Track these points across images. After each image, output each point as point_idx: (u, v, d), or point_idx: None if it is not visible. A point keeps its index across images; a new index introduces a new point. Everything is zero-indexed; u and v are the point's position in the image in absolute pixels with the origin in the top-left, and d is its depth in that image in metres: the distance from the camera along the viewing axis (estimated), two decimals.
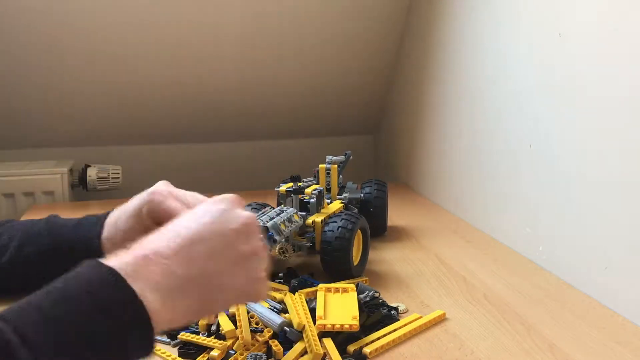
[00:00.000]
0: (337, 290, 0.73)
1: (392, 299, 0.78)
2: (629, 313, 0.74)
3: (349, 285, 0.74)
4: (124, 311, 0.41)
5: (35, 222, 0.76)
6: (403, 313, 0.75)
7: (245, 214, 0.51)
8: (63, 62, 1.33)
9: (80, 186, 1.40)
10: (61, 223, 0.76)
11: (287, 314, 0.69)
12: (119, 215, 0.70)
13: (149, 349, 0.43)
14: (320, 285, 0.74)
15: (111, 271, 0.42)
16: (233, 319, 0.68)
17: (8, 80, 1.34)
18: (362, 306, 0.71)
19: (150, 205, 0.66)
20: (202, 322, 0.68)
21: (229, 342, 0.65)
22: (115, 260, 0.43)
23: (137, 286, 0.42)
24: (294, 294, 0.75)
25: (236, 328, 0.66)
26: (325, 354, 0.63)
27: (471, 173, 1.14)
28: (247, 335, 0.64)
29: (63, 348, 0.38)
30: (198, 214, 0.50)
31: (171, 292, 0.44)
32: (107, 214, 0.72)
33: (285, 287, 0.78)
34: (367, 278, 0.84)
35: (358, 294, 0.73)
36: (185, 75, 1.41)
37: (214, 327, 0.68)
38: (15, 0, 1.21)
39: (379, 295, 0.76)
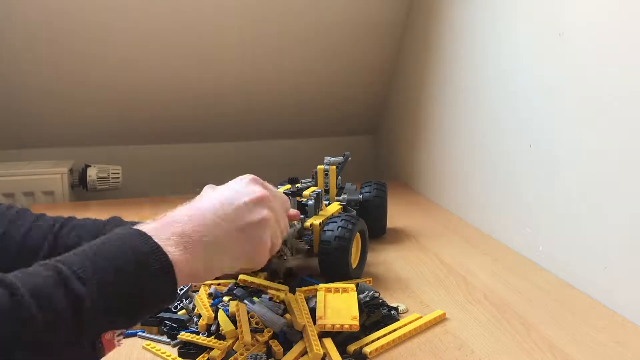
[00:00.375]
0: (337, 290, 0.73)
1: (392, 299, 0.78)
2: (629, 313, 0.74)
3: (349, 285, 0.73)
4: (151, 259, 0.49)
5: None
6: (403, 313, 0.75)
7: (259, 189, 0.60)
8: (63, 63, 1.33)
9: (80, 186, 1.40)
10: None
11: (287, 314, 0.70)
12: None
13: (173, 292, 0.50)
14: (320, 285, 0.74)
15: (139, 231, 0.51)
16: (233, 319, 0.68)
17: (8, 81, 1.34)
18: (362, 306, 0.71)
19: None
20: (202, 322, 0.68)
21: (229, 342, 0.65)
22: (143, 226, 0.52)
23: (160, 242, 0.50)
24: (294, 294, 0.75)
25: (236, 328, 0.66)
26: (325, 354, 0.63)
27: (471, 173, 1.14)
28: (247, 335, 0.64)
29: (105, 284, 0.45)
30: (218, 191, 0.59)
31: (186, 249, 0.51)
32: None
33: (285, 288, 0.78)
34: (370, 279, 0.84)
35: (358, 294, 0.73)
36: (185, 76, 1.41)
37: (213, 327, 0.68)
38: (15, 1, 1.21)
39: (379, 296, 0.76)
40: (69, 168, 1.38)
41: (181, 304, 0.73)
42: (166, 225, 0.52)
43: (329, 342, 0.64)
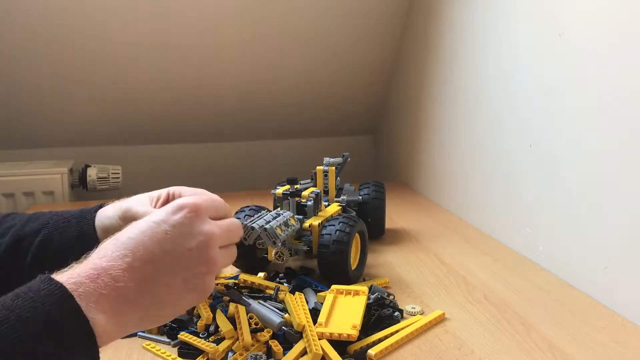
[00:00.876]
0: (348, 292, 0.73)
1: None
2: (629, 313, 0.74)
3: (361, 288, 0.73)
4: (69, 325, 0.42)
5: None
6: (414, 315, 0.74)
7: (205, 229, 0.50)
8: (63, 63, 1.33)
9: (80, 186, 1.40)
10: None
11: (287, 314, 0.69)
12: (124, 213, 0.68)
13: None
14: (333, 286, 0.74)
15: (59, 287, 0.43)
16: (232, 319, 0.68)
17: (8, 81, 1.34)
18: (367, 307, 0.71)
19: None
20: (201, 323, 0.68)
21: (229, 343, 0.65)
22: (65, 275, 0.44)
23: (82, 302, 0.43)
24: (294, 294, 0.75)
25: (235, 329, 0.66)
26: (325, 355, 0.63)
27: (471, 173, 1.14)
28: (247, 337, 0.64)
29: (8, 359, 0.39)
30: (153, 226, 0.49)
31: (118, 309, 0.45)
32: (91, 211, 0.71)
33: (286, 288, 0.78)
34: (387, 279, 0.84)
35: (369, 295, 0.73)
36: (185, 76, 1.41)
37: (212, 328, 0.68)
38: (14, 1, 1.21)
39: (392, 297, 0.76)
40: (69, 168, 1.38)
41: None
42: (93, 278, 0.44)
43: (327, 343, 0.64)
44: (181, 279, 0.48)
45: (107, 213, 0.69)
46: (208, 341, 0.66)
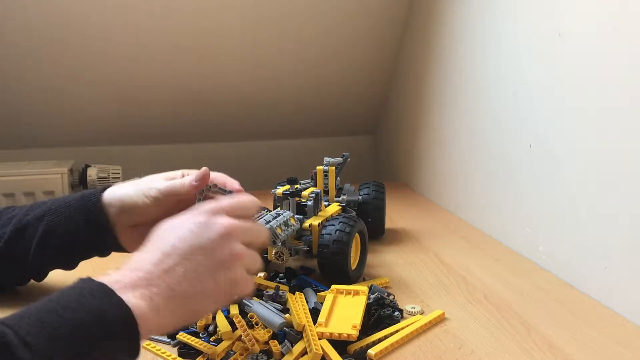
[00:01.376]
0: (348, 292, 0.73)
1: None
2: (629, 313, 0.74)
3: (361, 287, 0.73)
4: (113, 318, 0.45)
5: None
6: (415, 314, 0.74)
7: (223, 221, 0.54)
8: (63, 63, 1.33)
9: (80, 186, 1.40)
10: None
11: (287, 314, 0.69)
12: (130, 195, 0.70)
13: (136, 353, 0.46)
14: (333, 286, 0.74)
15: (101, 284, 0.46)
16: (231, 319, 0.68)
17: (8, 81, 1.34)
18: (367, 307, 0.71)
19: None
20: (200, 323, 0.68)
21: (228, 343, 0.65)
22: (106, 278, 0.48)
23: (125, 297, 0.46)
24: (294, 294, 0.75)
25: (234, 330, 0.66)
26: (325, 355, 0.63)
27: (471, 173, 1.14)
28: (246, 337, 0.64)
29: (59, 350, 0.41)
30: (179, 229, 0.53)
31: (157, 304, 0.48)
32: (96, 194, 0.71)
33: (285, 287, 0.78)
34: (387, 279, 0.84)
35: (369, 295, 0.73)
36: (185, 76, 1.41)
37: (211, 328, 0.68)
38: (15, 1, 1.21)
39: (392, 297, 0.76)
40: (69, 168, 1.38)
41: None
42: (130, 277, 0.48)
43: (327, 343, 0.64)
44: (210, 270, 0.51)
45: (127, 192, 0.69)
46: (208, 341, 0.66)
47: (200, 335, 0.67)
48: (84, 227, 0.70)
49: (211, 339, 0.66)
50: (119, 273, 0.49)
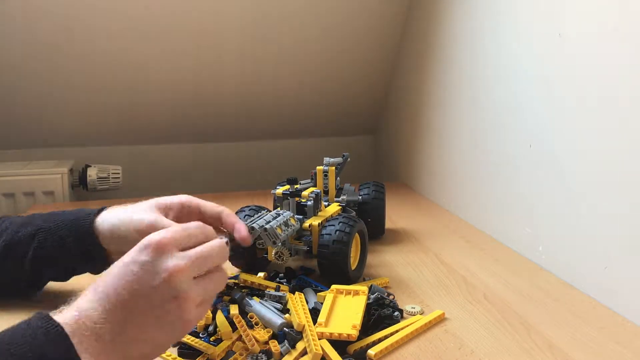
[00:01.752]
0: (348, 292, 0.73)
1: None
2: (629, 313, 0.74)
3: (361, 287, 0.73)
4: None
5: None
6: (415, 314, 0.74)
7: (168, 265, 0.51)
8: (63, 63, 1.33)
9: (80, 186, 1.40)
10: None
11: (287, 314, 0.69)
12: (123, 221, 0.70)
13: None
14: (333, 286, 0.74)
15: (57, 328, 0.46)
16: (231, 319, 0.68)
17: (8, 81, 1.34)
18: (367, 307, 0.71)
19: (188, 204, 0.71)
20: (201, 323, 0.68)
21: (228, 343, 0.65)
22: (60, 317, 0.48)
23: (78, 348, 0.46)
24: (294, 294, 0.75)
25: (233, 330, 0.66)
26: (324, 355, 0.63)
27: (471, 173, 1.14)
28: (246, 337, 0.64)
29: None
30: (123, 268, 0.51)
31: (98, 349, 0.47)
32: (90, 216, 0.72)
33: (286, 288, 0.78)
34: (387, 279, 0.84)
35: (369, 295, 0.73)
36: (185, 76, 1.41)
37: (211, 328, 0.68)
38: (15, 3, 1.21)
39: (392, 297, 0.76)
40: (69, 168, 1.38)
41: None
42: (75, 322, 0.47)
43: (327, 343, 0.64)
44: (154, 318, 0.50)
45: (116, 223, 0.70)
46: (208, 341, 0.66)
47: (200, 335, 0.67)
48: (75, 249, 0.71)
49: (211, 339, 0.66)
50: (63, 316, 0.48)
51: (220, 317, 0.68)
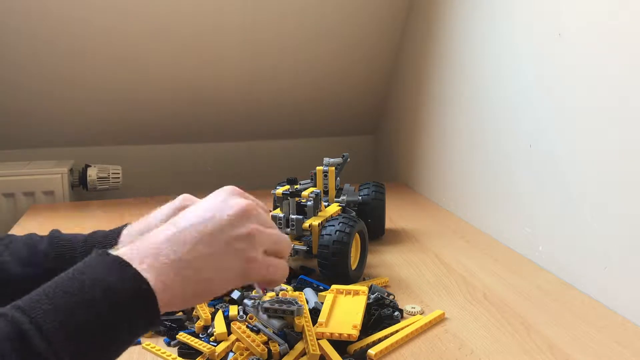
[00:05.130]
0: (348, 292, 0.73)
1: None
2: (629, 313, 0.74)
3: (361, 287, 0.73)
4: (129, 292, 0.44)
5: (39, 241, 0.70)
6: (414, 314, 0.74)
7: (241, 201, 0.53)
8: (63, 63, 1.33)
9: (80, 186, 1.40)
10: (67, 242, 0.70)
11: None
12: (147, 225, 0.67)
13: (152, 325, 0.46)
14: (333, 286, 0.74)
15: (116, 258, 0.45)
16: (229, 321, 0.68)
17: (8, 81, 1.34)
18: (367, 307, 0.71)
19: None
20: (199, 324, 0.68)
21: (227, 344, 0.65)
22: (118, 250, 0.47)
23: (139, 268, 0.45)
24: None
25: (229, 333, 0.66)
26: (325, 355, 0.63)
27: (471, 173, 1.14)
28: (243, 339, 0.64)
29: (75, 333, 0.40)
30: (197, 207, 0.52)
31: (166, 274, 0.46)
32: (121, 228, 0.69)
33: (290, 289, 0.78)
34: (387, 279, 0.84)
35: (369, 295, 0.73)
36: (185, 76, 1.41)
37: (211, 329, 0.68)
38: (15, 3, 1.21)
39: (392, 297, 0.76)
40: (69, 168, 1.38)
41: None
42: (142, 250, 0.47)
43: (327, 343, 0.64)
44: (221, 242, 0.50)
45: (140, 225, 0.67)
46: (208, 341, 0.66)
47: (200, 335, 0.67)
48: None
49: (211, 339, 0.66)
50: (130, 246, 0.48)
51: (219, 318, 0.68)
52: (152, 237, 0.49)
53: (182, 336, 0.67)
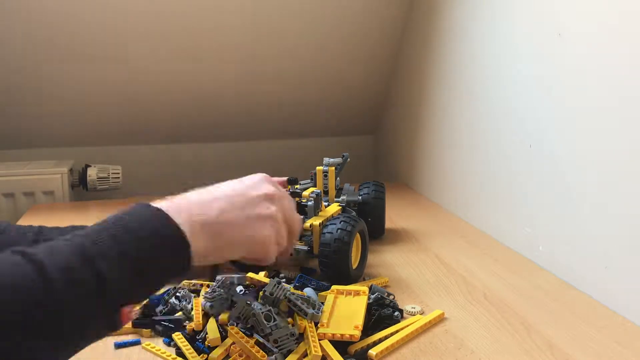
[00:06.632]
0: (349, 292, 0.73)
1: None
2: (629, 313, 0.74)
3: (362, 288, 0.73)
4: (169, 238, 0.51)
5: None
6: (415, 315, 0.74)
7: (271, 187, 0.62)
8: (63, 63, 1.33)
9: (80, 186, 1.40)
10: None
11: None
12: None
13: (187, 269, 0.52)
14: (333, 287, 0.74)
15: (158, 210, 0.53)
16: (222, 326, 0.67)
17: (8, 81, 1.34)
18: (367, 307, 0.71)
19: None
20: (190, 327, 0.68)
21: (221, 351, 0.64)
22: (158, 204, 0.54)
23: (177, 221, 0.52)
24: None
25: (222, 339, 0.65)
26: (326, 356, 0.63)
27: (471, 173, 1.14)
28: (239, 342, 0.64)
29: (126, 260, 0.48)
30: (235, 181, 0.62)
31: (200, 229, 0.54)
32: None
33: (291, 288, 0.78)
34: (387, 279, 0.84)
35: (370, 295, 0.73)
36: (185, 76, 1.41)
37: (202, 334, 0.67)
38: (15, 4, 1.21)
39: (392, 297, 0.76)
40: (69, 168, 1.38)
41: (168, 307, 0.73)
42: (181, 206, 0.54)
43: (328, 344, 0.64)
44: (245, 215, 0.58)
45: None
46: (203, 346, 0.65)
47: (197, 337, 0.67)
48: None
49: (206, 344, 0.66)
50: (171, 202, 0.54)
51: (212, 324, 0.67)
52: (188, 197, 0.57)
53: (177, 337, 0.66)
